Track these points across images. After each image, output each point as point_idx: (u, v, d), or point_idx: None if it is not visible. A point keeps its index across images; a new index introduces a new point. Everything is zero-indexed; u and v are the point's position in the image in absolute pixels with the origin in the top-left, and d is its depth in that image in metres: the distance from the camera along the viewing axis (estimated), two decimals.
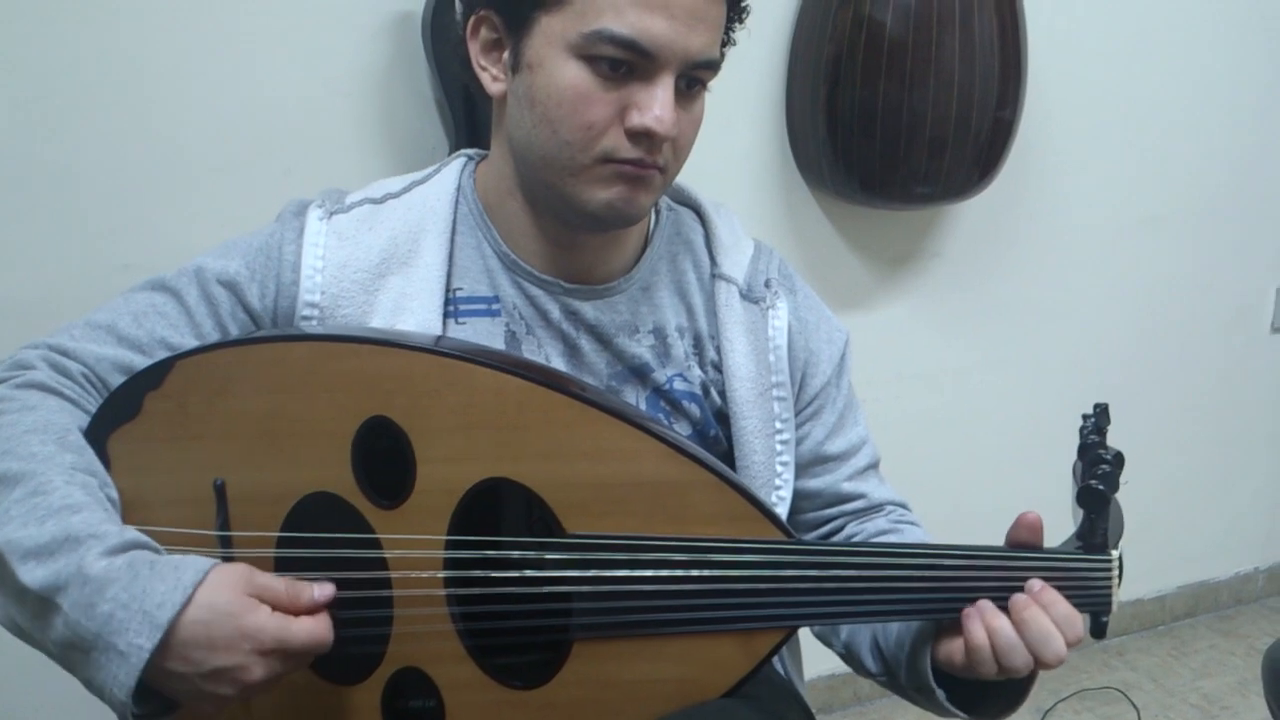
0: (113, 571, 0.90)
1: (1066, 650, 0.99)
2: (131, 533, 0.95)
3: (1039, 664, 1.00)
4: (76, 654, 0.91)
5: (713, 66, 1.11)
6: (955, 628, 1.03)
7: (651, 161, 1.09)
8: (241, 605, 0.93)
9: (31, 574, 0.90)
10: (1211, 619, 3.14)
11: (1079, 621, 1.01)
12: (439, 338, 1.13)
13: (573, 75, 1.06)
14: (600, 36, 1.04)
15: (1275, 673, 1.73)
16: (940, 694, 1.09)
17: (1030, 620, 0.99)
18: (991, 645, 0.99)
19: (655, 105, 1.06)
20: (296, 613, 0.96)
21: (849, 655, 1.25)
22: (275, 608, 0.95)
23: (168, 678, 0.91)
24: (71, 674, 0.93)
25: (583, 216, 1.12)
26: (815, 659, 1.35)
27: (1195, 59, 2.68)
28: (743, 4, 1.14)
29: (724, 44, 1.15)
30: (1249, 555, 3.20)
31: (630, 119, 1.06)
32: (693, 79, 1.10)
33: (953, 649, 1.04)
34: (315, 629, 0.96)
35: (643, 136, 1.07)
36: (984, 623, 1.00)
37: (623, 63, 1.05)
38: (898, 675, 1.15)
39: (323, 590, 0.98)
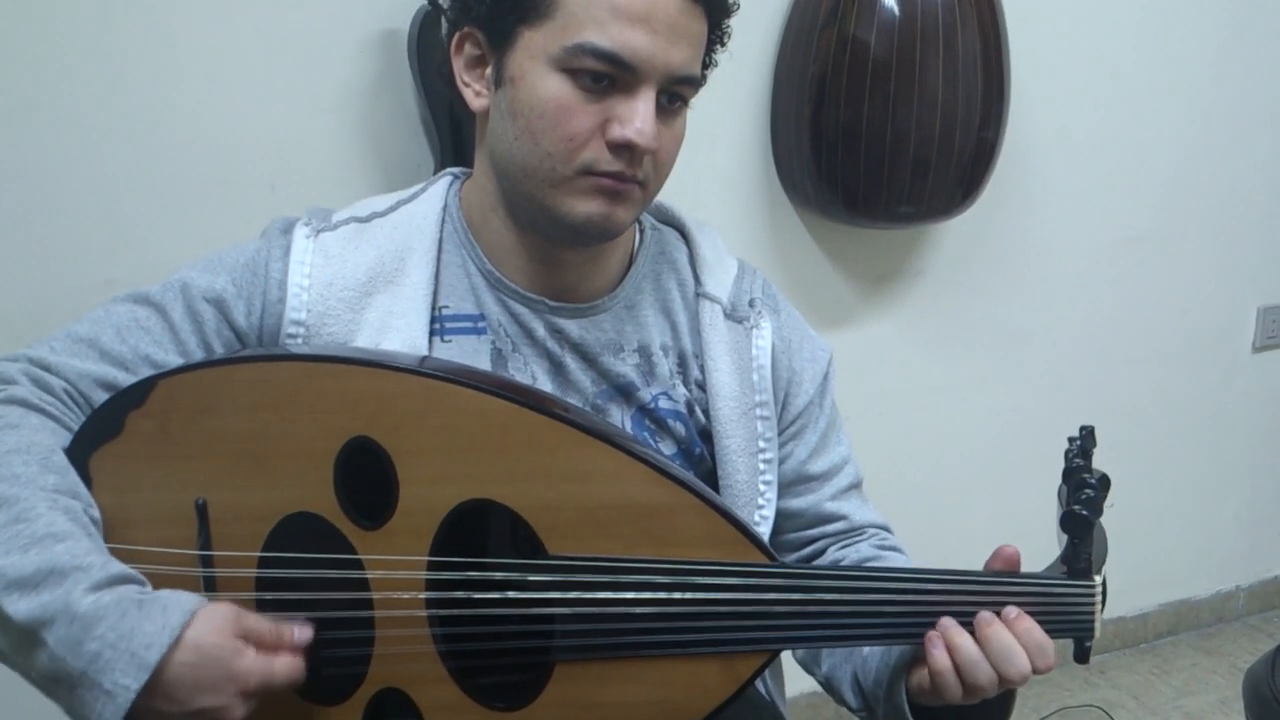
0: (100, 609, 0.89)
1: (1031, 667, 0.99)
2: (116, 565, 0.95)
3: (1003, 680, 0.99)
4: (60, 687, 0.90)
5: (693, 82, 1.11)
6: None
7: (631, 175, 1.09)
8: (230, 648, 0.93)
9: (15, 605, 0.89)
10: (1193, 637, 3.15)
11: (1049, 648, 1.01)
12: (423, 358, 1.12)
13: (554, 88, 1.06)
14: (582, 49, 1.04)
15: (1256, 691, 1.74)
16: None
17: (993, 637, 0.99)
18: (954, 663, 0.99)
19: (636, 118, 1.06)
20: (278, 653, 0.97)
21: (829, 688, 1.24)
22: (260, 648, 0.96)
23: (150, 713, 0.91)
24: (53, 701, 0.92)
25: (563, 229, 1.12)
26: (796, 678, 1.35)
27: (1176, 81, 2.69)
28: (725, 26, 1.15)
29: (706, 64, 1.15)
30: (1231, 574, 3.21)
31: (611, 131, 1.07)
32: (674, 94, 1.11)
33: (923, 676, 1.04)
34: (294, 666, 0.98)
35: (623, 149, 1.07)
36: (946, 640, 1.00)
37: (604, 76, 1.06)
38: (876, 711, 1.14)
39: (303, 632, 0.99)
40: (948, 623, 1.00)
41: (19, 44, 1.74)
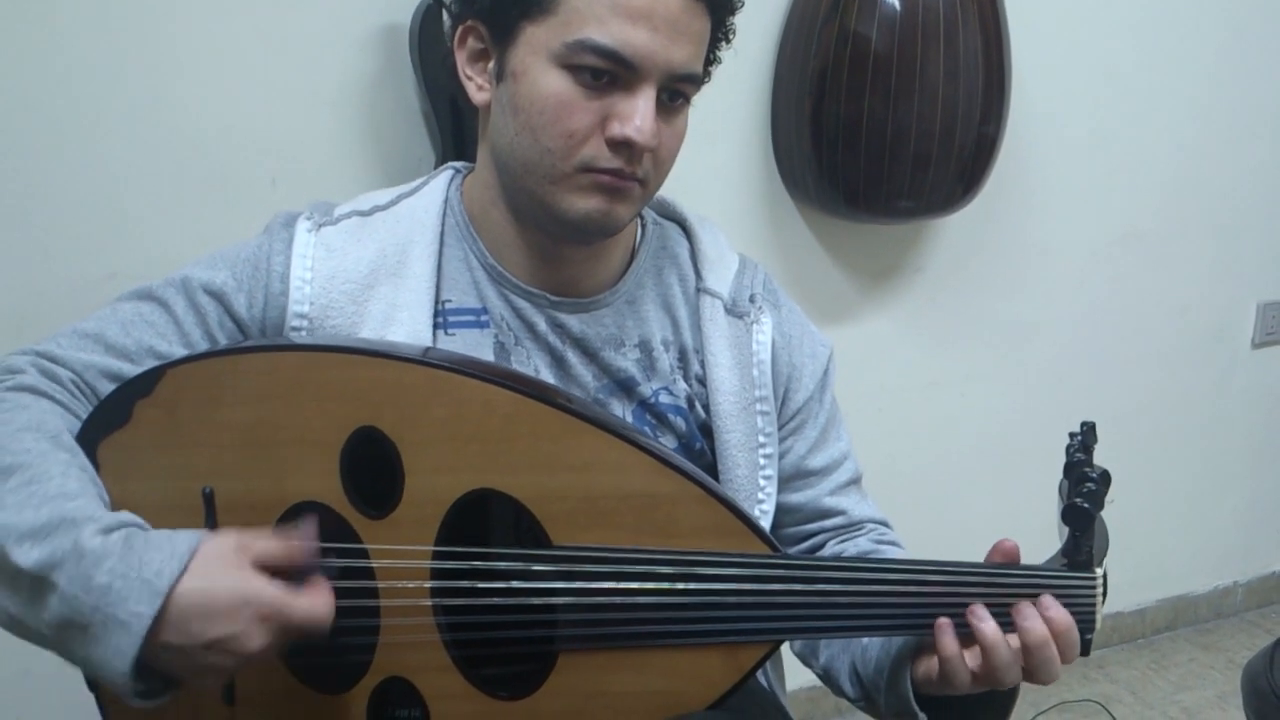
0: (109, 546, 0.90)
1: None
2: (126, 514, 0.96)
3: (1032, 680, 1.00)
4: (74, 631, 0.90)
5: (695, 80, 1.12)
6: (932, 646, 1.03)
7: (630, 172, 1.10)
8: (239, 572, 0.92)
9: (26, 555, 0.90)
10: (1191, 633, 3.15)
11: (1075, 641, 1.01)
12: (427, 349, 1.13)
13: (555, 84, 1.07)
14: (583, 46, 1.05)
15: (1255, 686, 1.74)
16: (922, 718, 1.09)
17: (1041, 650, 0.99)
18: (986, 664, 0.99)
19: (636, 116, 1.06)
20: (294, 567, 0.96)
21: (827, 678, 1.25)
22: (274, 570, 0.94)
23: (167, 652, 0.90)
24: (68, 658, 0.92)
25: (562, 226, 1.13)
26: (797, 670, 1.35)
27: (1176, 78, 2.70)
28: (729, 24, 1.15)
29: (710, 62, 1.16)
30: (1228, 569, 3.22)
31: (611, 129, 1.07)
32: (675, 92, 1.11)
33: (930, 666, 1.04)
34: (315, 603, 0.95)
35: (623, 146, 1.08)
36: (977, 633, 0.99)
37: (605, 72, 1.06)
38: (877, 701, 1.15)
39: (304, 547, 0.97)
40: (982, 614, 1.00)
41: (20, 40, 1.74)
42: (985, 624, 0.99)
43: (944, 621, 1.01)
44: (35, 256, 1.81)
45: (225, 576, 0.92)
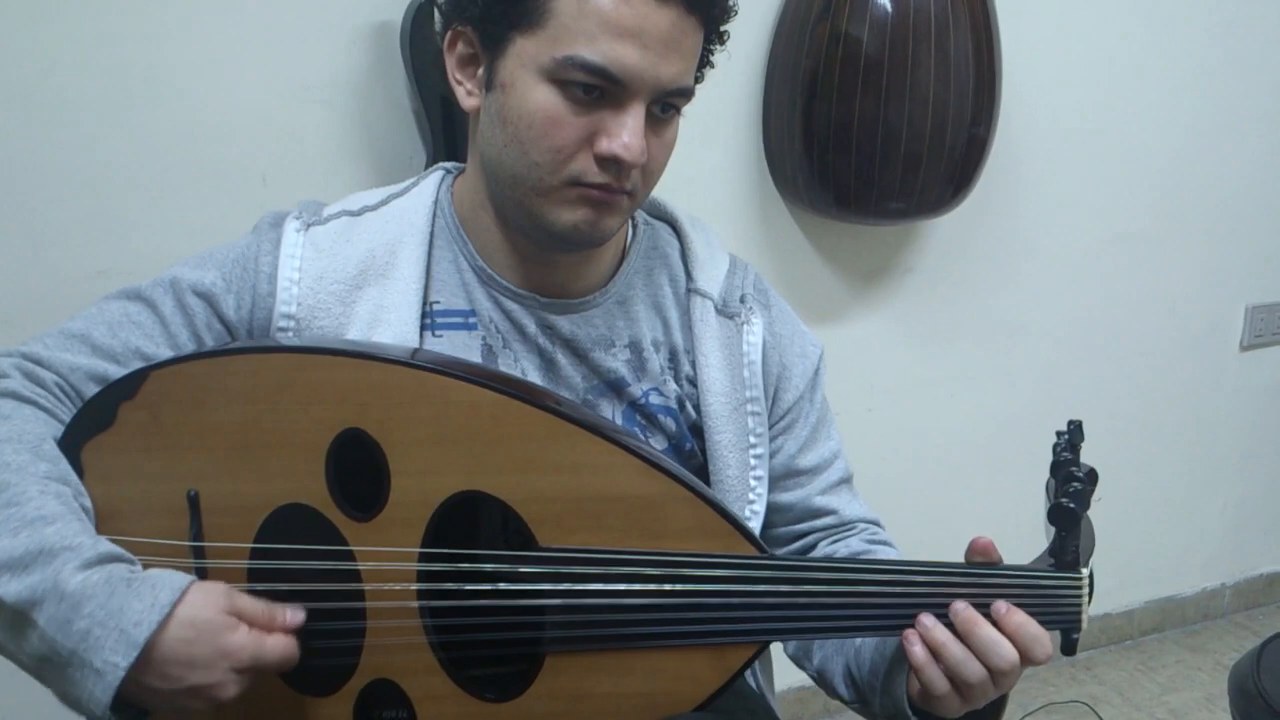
0: (89, 587, 0.90)
1: (1018, 657, 0.99)
2: (106, 544, 0.95)
3: (993, 673, 0.99)
4: (52, 668, 0.91)
5: (686, 94, 1.11)
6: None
7: (619, 186, 1.09)
8: (222, 624, 0.94)
9: (6, 587, 0.90)
10: (1179, 634, 3.16)
11: (1044, 639, 1.01)
12: (414, 350, 1.13)
13: (543, 98, 1.06)
14: (571, 62, 1.04)
15: (1241, 688, 1.75)
16: None
17: (975, 633, 0.99)
18: (942, 665, 0.99)
19: (624, 133, 1.06)
20: (270, 632, 0.98)
21: (821, 680, 1.25)
22: (251, 626, 0.96)
23: (143, 690, 0.92)
24: (45, 685, 0.93)
25: (549, 236, 1.12)
26: (785, 671, 1.35)
27: (1167, 79, 2.70)
28: (723, 30, 1.15)
29: (703, 65, 1.15)
30: (1216, 572, 3.22)
31: (599, 145, 1.07)
32: (666, 104, 1.10)
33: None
34: (287, 646, 0.98)
35: (611, 163, 1.07)
36: (928, 642, 1.00)
37: (594, 88, 1.05)
38: (871, 702, 1.15)
39: (295, 614, 1.00)
40: (929, 623, 1.00)
41: (11, 34, 1.74)
42: (933, 630, 1.00)
43: (911, 633, 1.01)
44: (24, 253, 1.80)
45: (209, 627, 0.93)
